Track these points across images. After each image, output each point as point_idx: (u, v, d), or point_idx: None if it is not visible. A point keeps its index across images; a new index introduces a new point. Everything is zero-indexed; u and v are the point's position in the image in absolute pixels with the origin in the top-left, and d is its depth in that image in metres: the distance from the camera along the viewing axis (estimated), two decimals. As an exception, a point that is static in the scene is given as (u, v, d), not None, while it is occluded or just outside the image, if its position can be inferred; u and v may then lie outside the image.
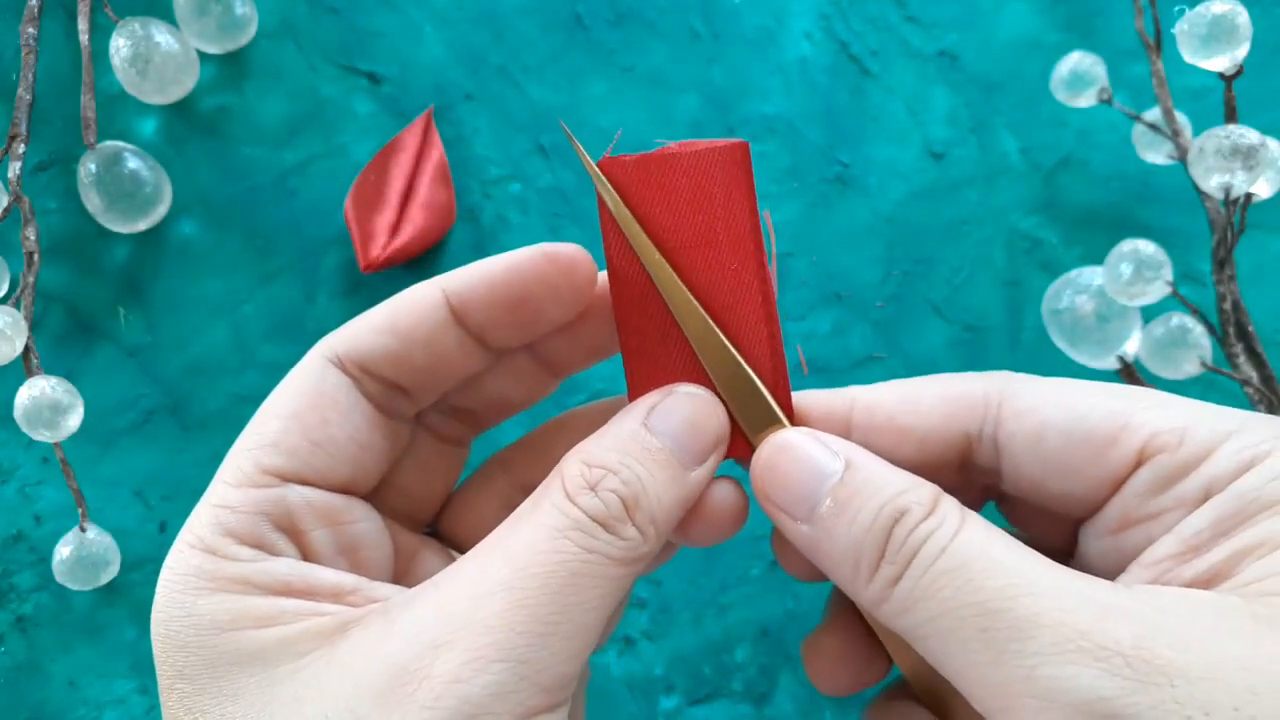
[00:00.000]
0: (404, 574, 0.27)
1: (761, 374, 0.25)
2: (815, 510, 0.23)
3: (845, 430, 0.25)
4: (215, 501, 0.23)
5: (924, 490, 0.22)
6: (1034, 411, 0.24)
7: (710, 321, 0.25)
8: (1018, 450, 0.24)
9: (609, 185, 0.25)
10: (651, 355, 0.26)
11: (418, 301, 0.25)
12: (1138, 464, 0.22)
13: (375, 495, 0.26)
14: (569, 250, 0.25)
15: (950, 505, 0.22)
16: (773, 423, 0.25)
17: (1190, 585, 0.20)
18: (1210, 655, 0.18)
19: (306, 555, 0.24)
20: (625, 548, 0.22)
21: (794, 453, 0.24)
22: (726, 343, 0.25)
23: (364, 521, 0.25)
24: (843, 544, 0.22)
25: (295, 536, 0.24)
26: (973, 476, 0.26)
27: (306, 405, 0.25)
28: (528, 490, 0.24)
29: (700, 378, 0.25)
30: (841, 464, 0.23)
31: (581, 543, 0.22)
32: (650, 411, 0.24)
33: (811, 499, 0.23)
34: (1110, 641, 0.19)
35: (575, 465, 0.23)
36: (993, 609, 0.20)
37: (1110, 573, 0.22)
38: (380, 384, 0.26)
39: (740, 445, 0.25)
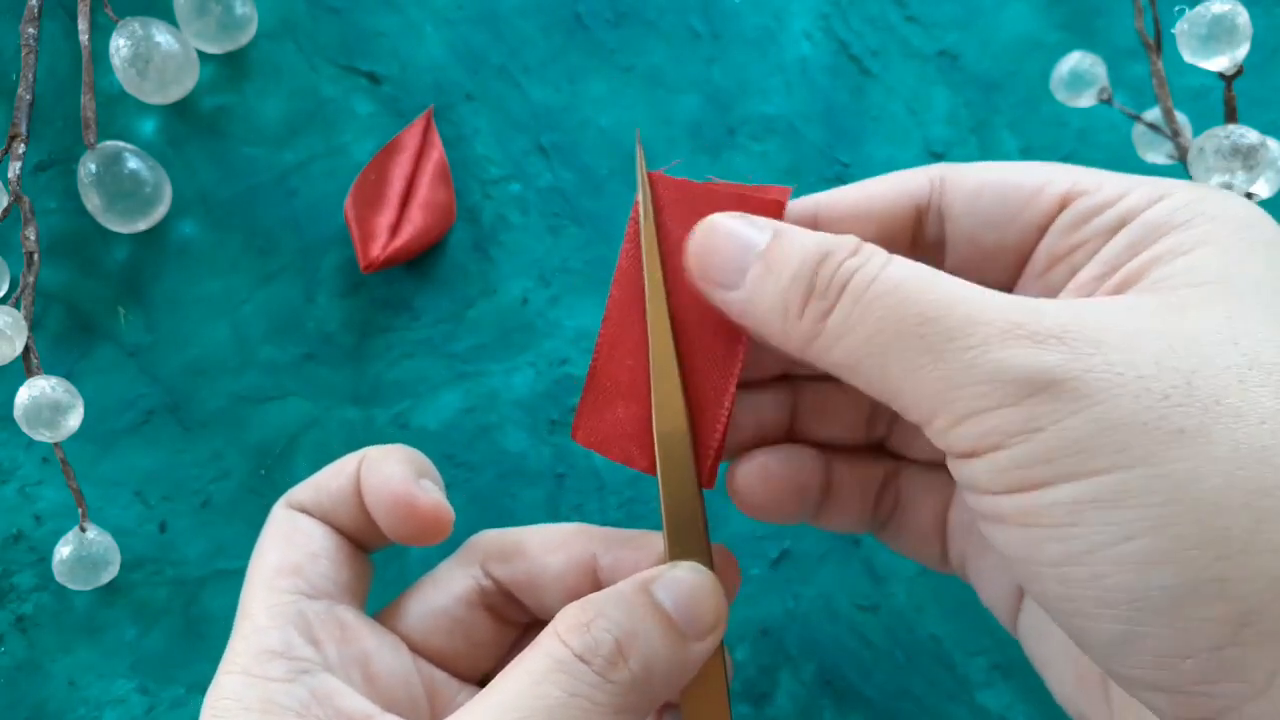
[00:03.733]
0: (444, 710, 0.29)
1: (702, 421, 0.26)
2: (746, 275, 0.24)
3: (814, 225, 0.27)
4: (247, 630, 0.26)
5: (846, 238, 0.23)
6: (972, 177, 0.26)
7: (674, 354, 0.26)
8: (958, 211, 0.26)
9: (649, 196, 0.27)
10: (617, 367, 0.27)
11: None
12: (1061, 208, 0.25)
13: (410, 637, 0.29)
14: (429, 507, 0.28)
15: (873, 247, 0.23)
16: (688, 485, 0.26)
17: (1108, 294, 0.23)
18: (1129, 329, 0.20)
19: (326, 664, 0.26)
20: (613, 692, 0.23)
21: (722, 229, 0.25)
22: (678, 380, 0.26)
23: (372, 642, 0.27)
24: (771, 296, 0.24)
25: (317, 646, 0.26)
26: (921, 256, 0.27)
27: (286, 539, 0.28)
28: None
29: (645, 404, 0.26)
30: (769, 234, 0.24)
31: (566, 686, 0.22)
32: (653, 580, 0.25)
33: (742, 266, 0.24)
34: (1042, 328, 0.20)
35: (571, 609, 0.24)
36: (930, 316, 0.21)
37: None
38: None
39: (647, 463, 0.26)
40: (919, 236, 0.27)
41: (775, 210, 0.26)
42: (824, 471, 0.29)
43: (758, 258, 0.24)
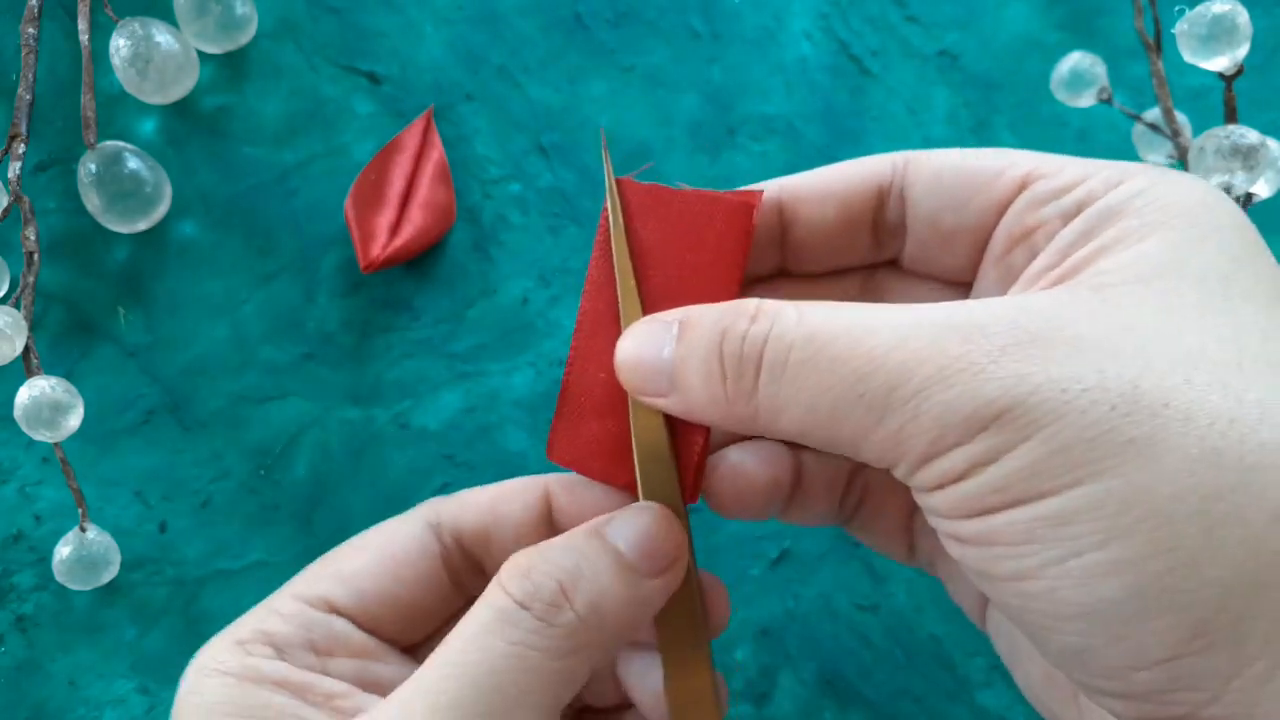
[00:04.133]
0: None
1: (683, 434, 0.25)
2: (670, 378, 0.23)
3: (777, 207, 0.27)
4: (274, 605, 0.25)
5: (743, 304, 0.23)
6: (934, 160, 0.26)
7: None
8: (919, 192, 0.26)
9: (618, 200, 0.26)
10: (591, 380, 0.26)
11: (522, 491, 0.27)
12: (1020, 190, 0.24)
13: (423, 648, 0.27)
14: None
15: (775, 304, 0.22)
16: (671, 499, 0.25)
17: (1054, 285, 0.22)
18: (1071, 335, 0.20)
19: (326, 673, 0.25)
20: (557, 636, 0.22)
21: (634, 337, 0.24)
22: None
23: (394, 665, 0.26)
24: (698, 390, 0.23)
25: (324, 657, 0.25)
26: (882, 240, 0.27)
27: (390, 558, 0.26)
28: None
29: (623, 418, 0.25)
30: (675, 329, 0.24)
31: (508, 635, 0.22)
32: (607, 522, 0.24)
33: (664, 369, 0.23)
34: (980, 355, 0.20)
35: (515, 556, 0.23)
36: (864, 373, 0.20)
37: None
38: (466, 559, 0.27)
39: (628, 479, 0.26)
40: (880, 219, 0.27)
41: (746, 215, 0.25)
42: (794, 465, 0.28)
43: (671, 357, 0.23)
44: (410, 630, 0.27)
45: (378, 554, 0.26)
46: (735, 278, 0.25)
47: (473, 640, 0.22)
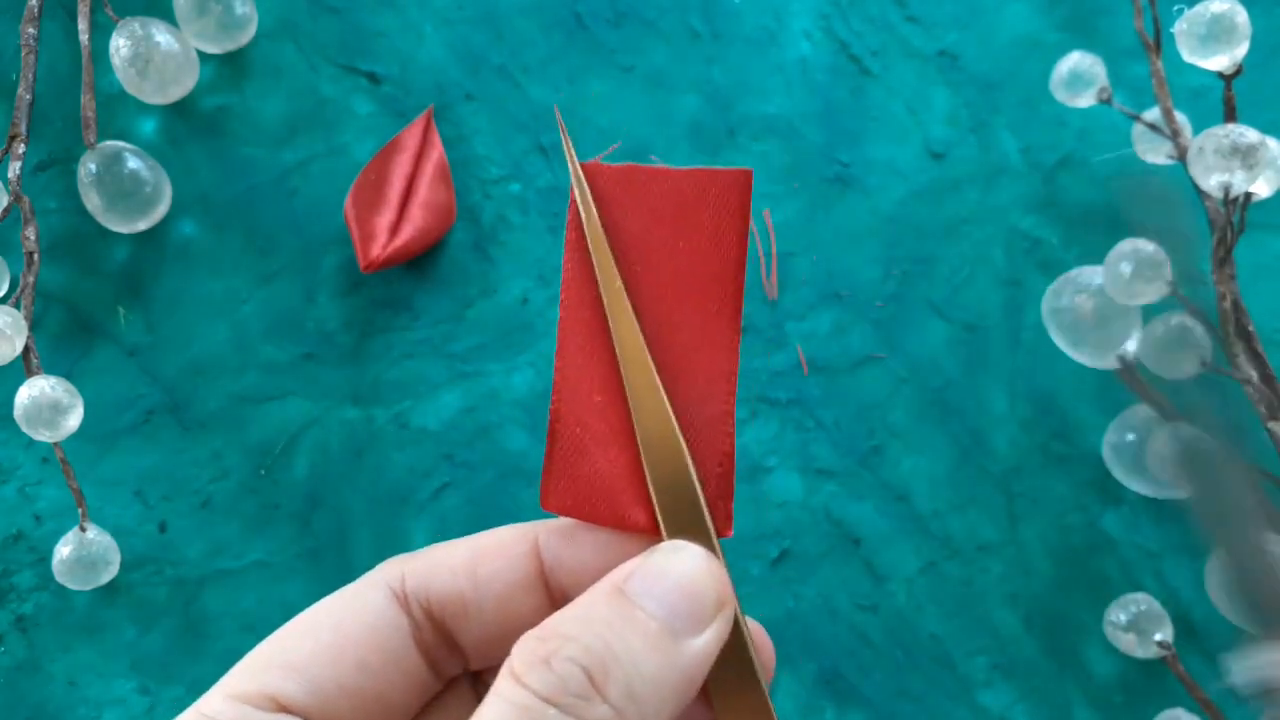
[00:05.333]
0: None
1: (704, 457, 0.22)
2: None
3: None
4: (204, 709, 0.21)
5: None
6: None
7: (656, 378, 0.22)
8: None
9: (586, 188, 0.22)
10: (584, 406, 0.22)
11: (507, 546, 0.23)
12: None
13: None
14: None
15: None
16: (702, 534, 0.21)
17: None
18: None
19: None
20: None
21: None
22: (669, 409, 0.21)
23: None
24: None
25: None
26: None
27: (349, 640, 0.22)
28: None
29: (630, 446, 0.22)
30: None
31: None
32: (628, 577, 0.20)
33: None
34: None
35: (526, 641, 0.19)
36: None
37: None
38: (439, 634, 0.23)
39: (646, 519, 0.22)
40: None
41: (744, 189, 0.22)
42: None
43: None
44: None
45: (334, 635, 0.22)
46: (739, 264, 0.22)
47: None
